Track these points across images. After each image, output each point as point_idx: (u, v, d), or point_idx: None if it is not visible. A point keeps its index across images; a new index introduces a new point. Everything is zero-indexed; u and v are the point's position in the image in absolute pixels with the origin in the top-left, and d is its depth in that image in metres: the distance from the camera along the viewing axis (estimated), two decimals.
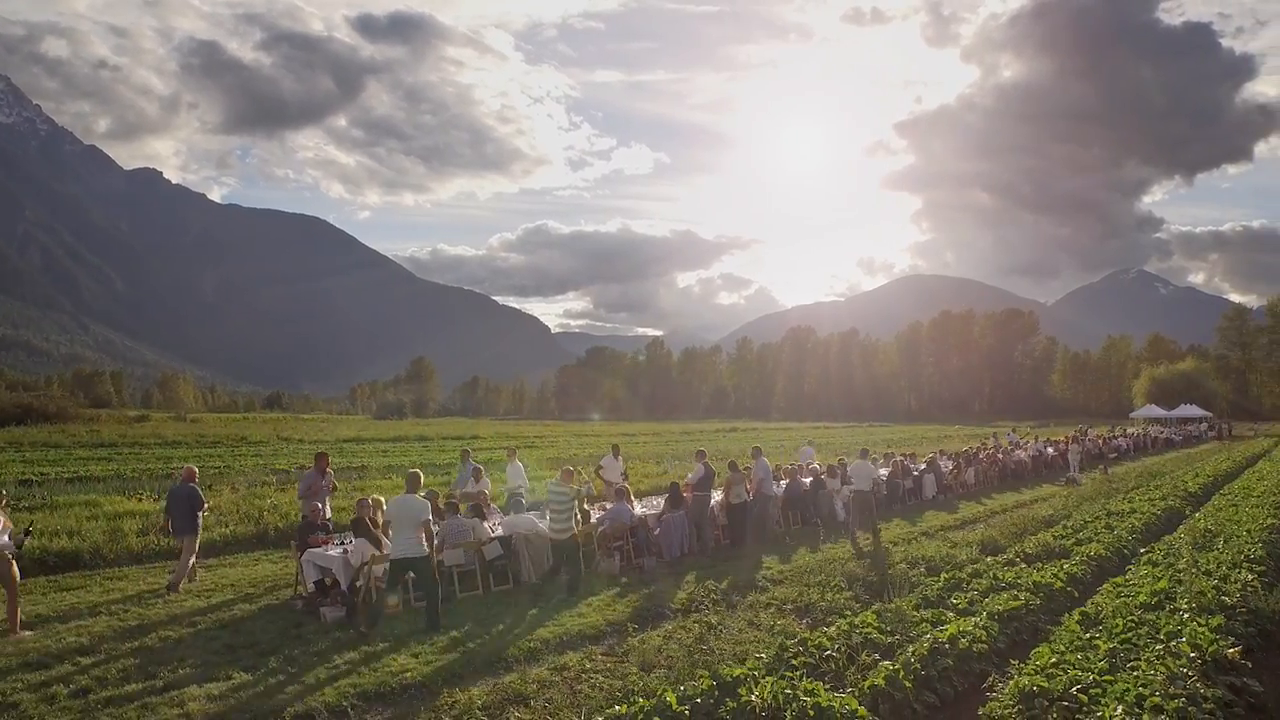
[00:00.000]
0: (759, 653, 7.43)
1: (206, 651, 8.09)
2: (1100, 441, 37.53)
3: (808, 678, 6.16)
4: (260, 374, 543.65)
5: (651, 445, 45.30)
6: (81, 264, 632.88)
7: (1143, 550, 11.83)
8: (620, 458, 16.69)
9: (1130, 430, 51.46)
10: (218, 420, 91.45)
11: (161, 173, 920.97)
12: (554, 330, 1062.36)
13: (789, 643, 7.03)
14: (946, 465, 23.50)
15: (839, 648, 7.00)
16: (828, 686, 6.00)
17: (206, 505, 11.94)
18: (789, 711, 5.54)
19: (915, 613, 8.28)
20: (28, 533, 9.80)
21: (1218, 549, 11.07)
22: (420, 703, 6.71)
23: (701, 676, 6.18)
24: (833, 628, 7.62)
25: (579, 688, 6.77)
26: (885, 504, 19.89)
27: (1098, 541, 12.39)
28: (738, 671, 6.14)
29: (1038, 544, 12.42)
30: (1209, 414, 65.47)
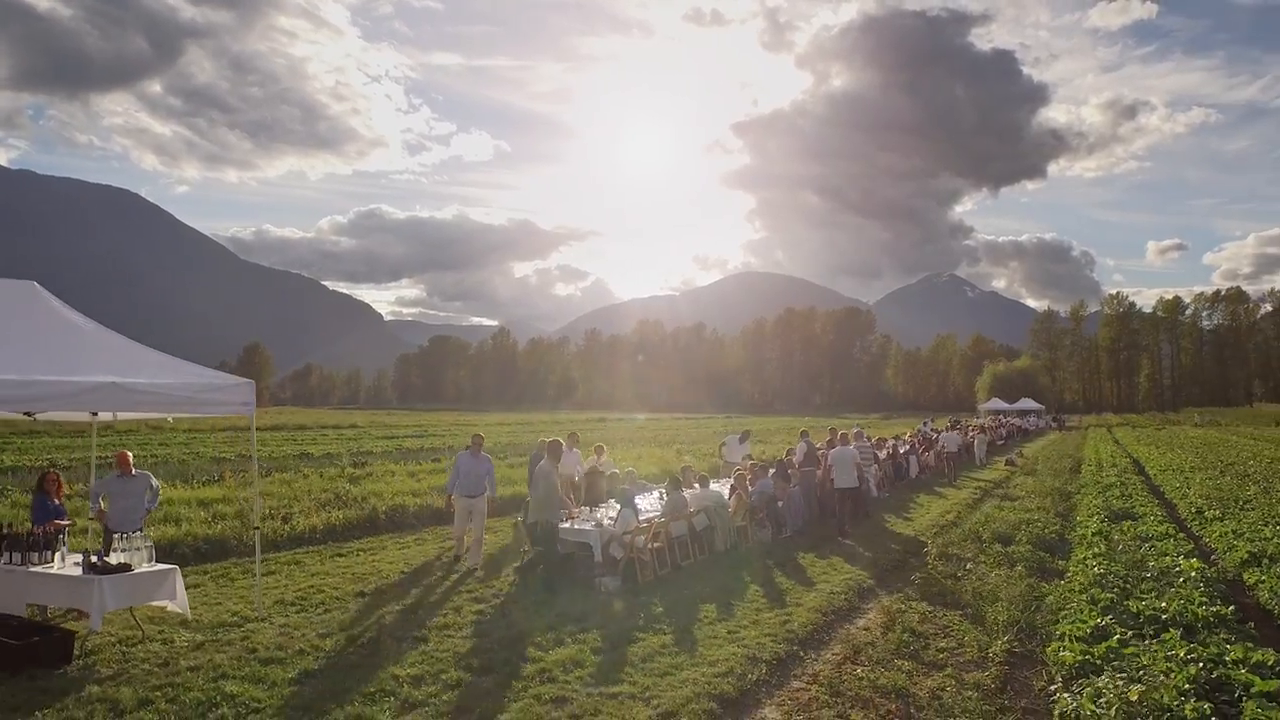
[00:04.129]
0: (1013, 594, 9.09)
1: (563, 621, 8.50)
2: (990, 432, 42.42)
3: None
4: None
5: (543, 433, 45.64)
6: None
7: (1200, 510, 14.58)
8: (747, 442, 17.91)
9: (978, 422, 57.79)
10: None
11: None
12: (387, 318, 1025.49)
13: (1103, 575, 8.72)
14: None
15: (1126, 584, 8.75)
16: None
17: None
18: (1187, 617, 7.20)
19: (1125, 556, 10.21)
20: None
21: (1258, 506, 13.98)
22: (835, 643, 7.79)
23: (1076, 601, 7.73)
24: (1085, 574, 9.34)
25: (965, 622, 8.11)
26: (891, 482, 22.25)
27: (1139, 504, 15.07)
28: (1108, 596, 7.73)
29: (1101, 508, 14.86)
30: (1041, 407, 74.38)
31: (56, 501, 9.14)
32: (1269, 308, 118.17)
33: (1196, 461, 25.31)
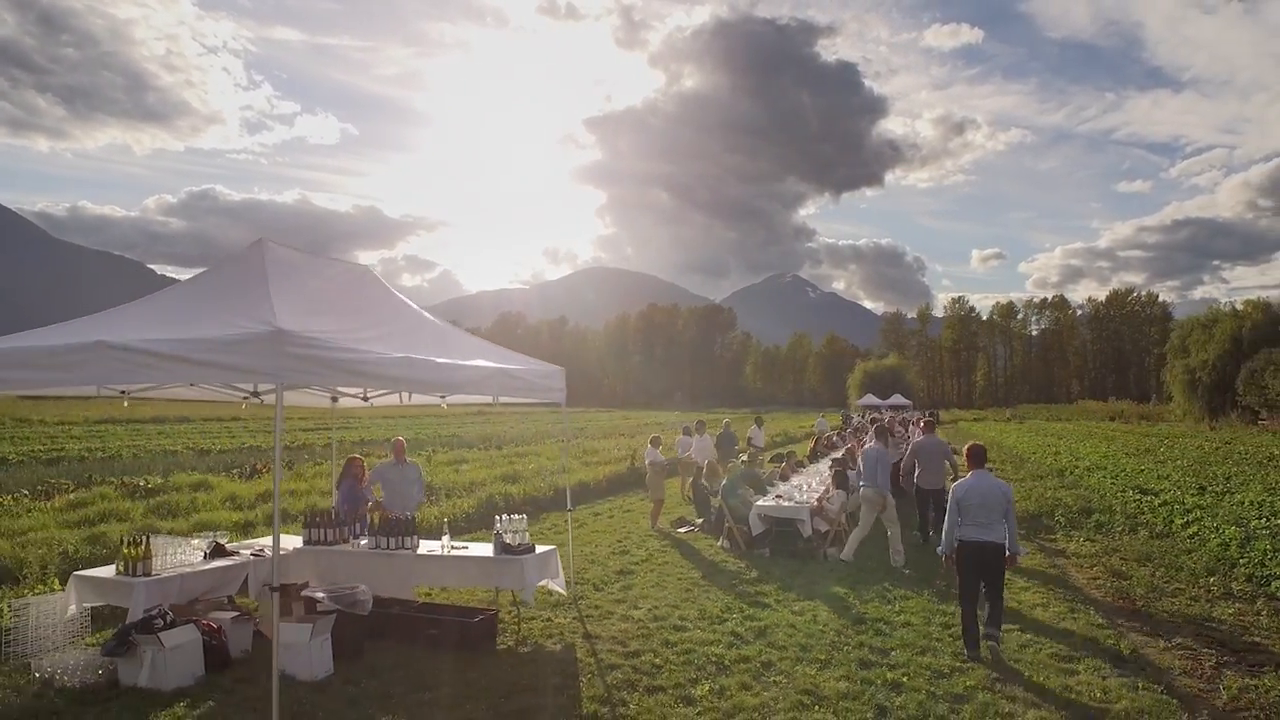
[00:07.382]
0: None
1: (874, 581, 9.78)
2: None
3: None
4: None
5: (430, 428, 45.49)
6: None
7: (1203, 487, 17.57)
8: (763, 428, 19.58)
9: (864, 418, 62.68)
10: None
11: None
12: None
13: (1243, 534, 10.96)
14: None
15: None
16: None
17: None
18: None
19: (1219, 521, 12.64)
20: None
21: (1249, 484, 17.13)
22: (1090, 590, 9.51)
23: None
24: (1220, 535, 11.63)
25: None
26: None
27: (1141, 482, 18.00)
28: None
29: (1124, 485, 17.62)
30: (910, 403, 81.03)
31: (363, 487, 9.33)
32: (1083, 314, 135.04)
33: (1111, 450, 29.50)
